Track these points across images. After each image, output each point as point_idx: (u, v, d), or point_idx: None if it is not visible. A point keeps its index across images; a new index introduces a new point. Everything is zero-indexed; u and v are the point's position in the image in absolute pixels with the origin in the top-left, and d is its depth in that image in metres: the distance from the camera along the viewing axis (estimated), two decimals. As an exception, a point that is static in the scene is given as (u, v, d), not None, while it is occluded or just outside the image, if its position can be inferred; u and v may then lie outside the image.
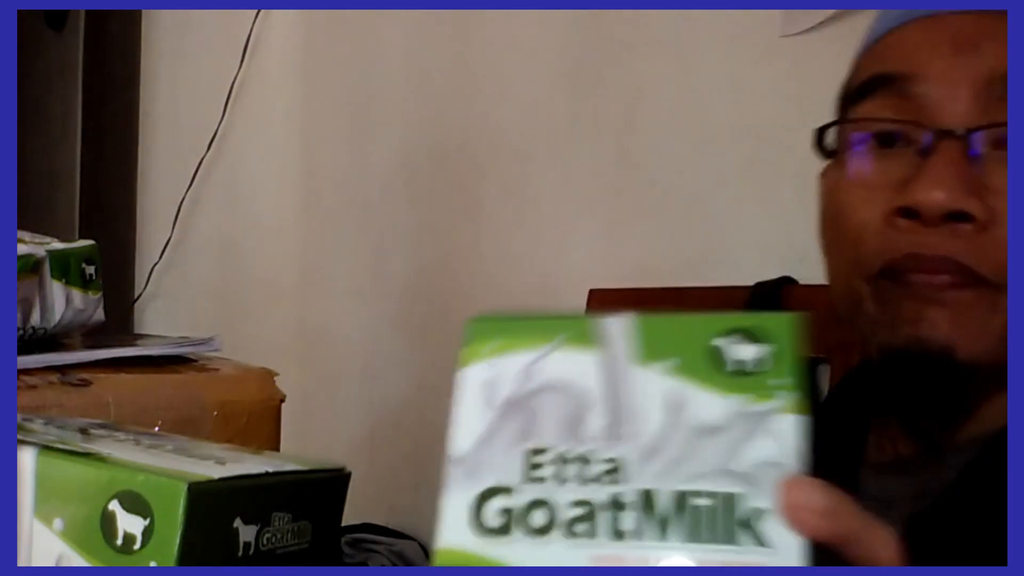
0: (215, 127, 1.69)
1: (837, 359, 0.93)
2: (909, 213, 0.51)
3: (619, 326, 0.38)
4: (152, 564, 0.40)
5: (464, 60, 1.46)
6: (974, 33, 0.52)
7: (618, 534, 0.35)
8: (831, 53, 1.07)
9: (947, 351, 0.51)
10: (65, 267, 0.88)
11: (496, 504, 0.36)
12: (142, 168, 1.81)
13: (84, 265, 0.91)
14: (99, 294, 0.92)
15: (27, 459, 0.43)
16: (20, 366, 0.77)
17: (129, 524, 0.40)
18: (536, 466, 0.37)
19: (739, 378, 0.36)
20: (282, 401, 0.89)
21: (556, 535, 0.35)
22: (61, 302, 0.88)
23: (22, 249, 0.84)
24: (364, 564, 1.35)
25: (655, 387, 0.37)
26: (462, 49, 1.46)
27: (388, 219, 1.56)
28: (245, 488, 0.44)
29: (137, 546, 0.40)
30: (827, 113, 0.64)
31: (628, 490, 0.35)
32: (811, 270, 1.00)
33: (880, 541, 0.36)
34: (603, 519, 0.35)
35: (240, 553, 0.43)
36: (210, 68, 1.74)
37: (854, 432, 0.61)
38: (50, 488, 0.42)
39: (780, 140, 1.07)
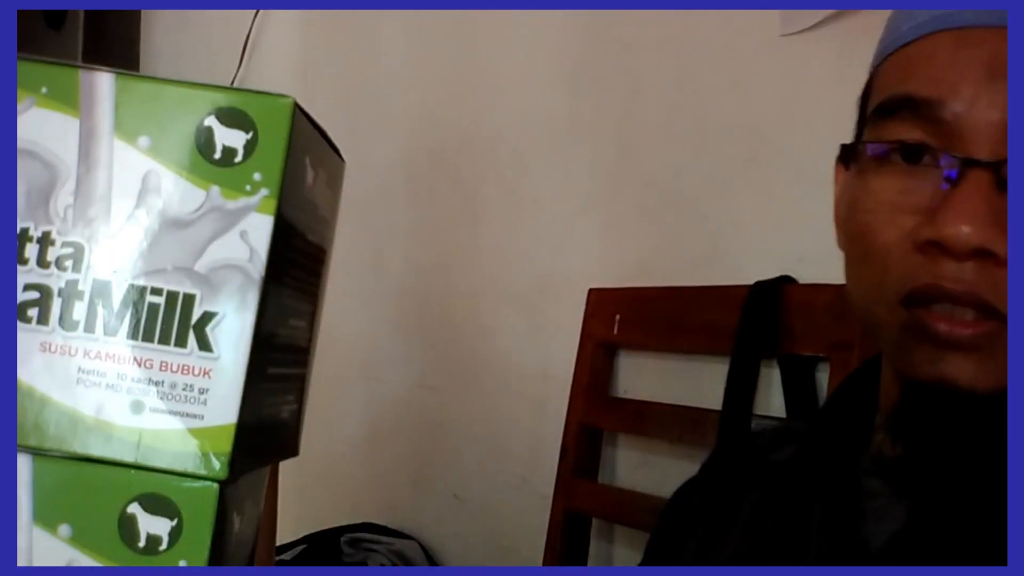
0: (214, 127, 1.69)
1: (837, 359, 0.93)
2: (935, 245, 0.51)
3: (104, 89, 0.35)
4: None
5: (464, 60, 1.46)
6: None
7: (69, 324, 0.34)
8: (830, 53, 1.07)
9: (970, 392, 0.51)
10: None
11: None
12: (141, 168, 1.81)
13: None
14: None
15: None
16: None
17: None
18: None
19: (222, 167, 0.34)
20: (282, 401, 0.89)
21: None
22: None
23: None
24: (364, 563, 1.35)
25: (133, 168, 0.34)
26: (462, 49, 1.46)
27: (387, 219, 1.55)
28: None
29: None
30: (827, 113, 0.64)
31: (85, 278, 0.34)
32: (810, 269, 1.00)
33: None
34: (56, 306, 0.34)
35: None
36: (209, 68, 1.74)
37: (857, 432, 0.61)
38: None
39: (779, 140, 1.06)
